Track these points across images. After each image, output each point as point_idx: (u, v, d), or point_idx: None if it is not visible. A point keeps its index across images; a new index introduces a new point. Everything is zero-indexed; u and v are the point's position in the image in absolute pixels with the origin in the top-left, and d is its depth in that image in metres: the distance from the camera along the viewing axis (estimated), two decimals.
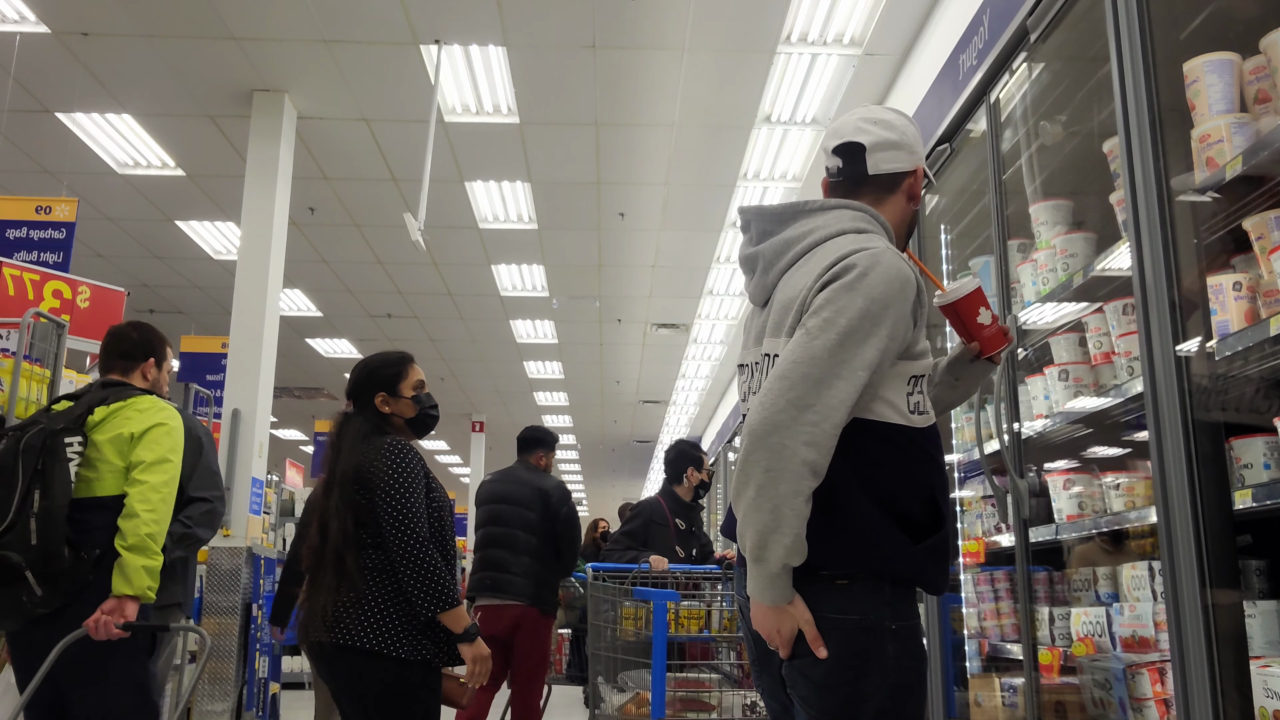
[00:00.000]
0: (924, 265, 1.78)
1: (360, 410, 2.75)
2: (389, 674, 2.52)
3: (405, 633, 2.54)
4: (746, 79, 6.37)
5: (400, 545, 2.54)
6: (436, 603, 2.52)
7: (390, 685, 2.53)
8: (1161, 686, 2.02)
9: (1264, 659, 1.71)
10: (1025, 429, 2.61)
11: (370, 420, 2.72)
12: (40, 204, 5.96)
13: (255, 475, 6.34)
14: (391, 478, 2.57)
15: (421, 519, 2.58)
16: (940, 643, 3.06)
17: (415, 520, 2.56)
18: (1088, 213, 2.59)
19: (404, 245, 8.81)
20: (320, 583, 2.59)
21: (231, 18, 5.77)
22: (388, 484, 2.57)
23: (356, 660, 2.51)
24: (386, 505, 2.56)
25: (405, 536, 2.54)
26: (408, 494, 2.58)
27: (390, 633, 2.52)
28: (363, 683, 2.53)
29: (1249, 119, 1.90)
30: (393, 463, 2.59)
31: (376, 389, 2.75)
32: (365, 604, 2.53)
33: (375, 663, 2.50)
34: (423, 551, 2.54)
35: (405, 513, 2.55)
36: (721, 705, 3.25)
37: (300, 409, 16.38)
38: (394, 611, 2.54)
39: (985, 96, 2.79)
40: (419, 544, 2.55)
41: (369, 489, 2.58)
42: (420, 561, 2.53)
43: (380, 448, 2.62)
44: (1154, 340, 1.88)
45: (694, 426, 17.53)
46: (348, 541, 2.57)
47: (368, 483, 2.58)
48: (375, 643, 2.50)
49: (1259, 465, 1.84)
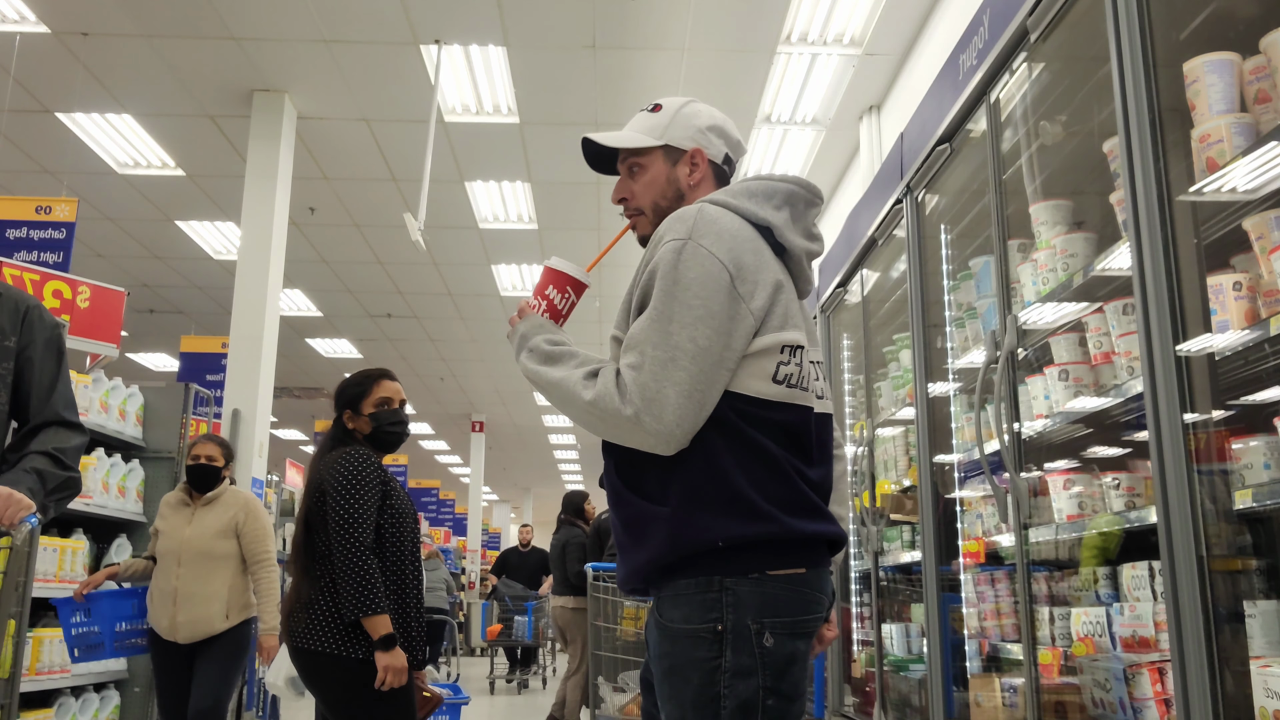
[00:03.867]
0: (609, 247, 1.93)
1: (333, 425, 2.93)
2: (349, 674, 2.66)
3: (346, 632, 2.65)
4: (746, 79, 6.37)
5: (339, 548, 2.66)
6: (360, 606, 2.63)
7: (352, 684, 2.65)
8: (1161, 686, 2.02)
9: (1264, 659, 1.71)
10: (1025, 429, 2.62)
11: (335, 435, 2.90)
12: (40, 204, 5.96)
13: (255, 475, 6.34)
14: (339, 485, 2.72)
15: (365, 526, 2.70)
16: (940, 643, 3.06)
17: (357, 526, 2.68)
18: (1088, 213, 2.59)
19: (404, 245, 8.81)
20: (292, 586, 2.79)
21: (231, 18, 5.77)
22: (335, 490, 2.71)
23: (316, 661, 2.65)
24: (333, 510, 2.70)
25: (344, 540, 2.66)
26: (354, 500, 2.71)
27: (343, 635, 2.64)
28: (327, 683, 2.67)
29: (1249, 119, 1.90)
30: (342, 471, 2.74)
31: (343, 406, 2.92)
32: (315, 608, 2.67)
33: (335, 664, 2.60)
34: (359, 556, 2.66)
35: (349, 518, 2.68)
36: None
37: (300, 409, 16.38)
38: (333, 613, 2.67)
39: (985, 96, 2.79)
40: (357, 549, 2.67)
41: (324, 496, 2.73)
42: (354, 565, 2.65)
43: (335, 458, 2.78)
44: (1154, 340, 1.89)
45: None
46: (297, 549, 2.76)
47: (323, 491, 2.74)
48: (329, 645, 2.63)
49: (1259, 465, 1.84)
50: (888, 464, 3.92)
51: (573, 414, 1.56)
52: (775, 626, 1.49)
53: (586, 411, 1.52)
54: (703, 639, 1.49)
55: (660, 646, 1.53)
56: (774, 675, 1.48)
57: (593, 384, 1.53)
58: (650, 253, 1.62)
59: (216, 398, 6.85)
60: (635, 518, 1.57)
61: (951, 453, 3.16)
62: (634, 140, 1.75)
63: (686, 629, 1.50)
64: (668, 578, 1.53)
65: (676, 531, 1.51)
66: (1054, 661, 2.42)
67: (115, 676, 4.51)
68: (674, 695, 1.50)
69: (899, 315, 3.96)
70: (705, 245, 1.55)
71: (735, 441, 1.54)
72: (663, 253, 1.57)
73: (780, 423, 1.56)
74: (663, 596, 1.54)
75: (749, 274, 1.56)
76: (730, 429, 1.53)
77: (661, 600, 1.54)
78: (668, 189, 1.74)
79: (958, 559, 3.07)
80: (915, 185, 3.35)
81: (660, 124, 1.76)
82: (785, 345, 1.57)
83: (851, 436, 4.37)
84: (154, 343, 12.67)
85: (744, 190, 1.67)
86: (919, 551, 3.24)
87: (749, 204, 1.65)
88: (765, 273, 1.58)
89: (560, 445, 20.59)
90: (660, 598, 1.55)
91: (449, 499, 19.93)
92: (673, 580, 1.52)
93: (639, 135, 1.76)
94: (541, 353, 1.63)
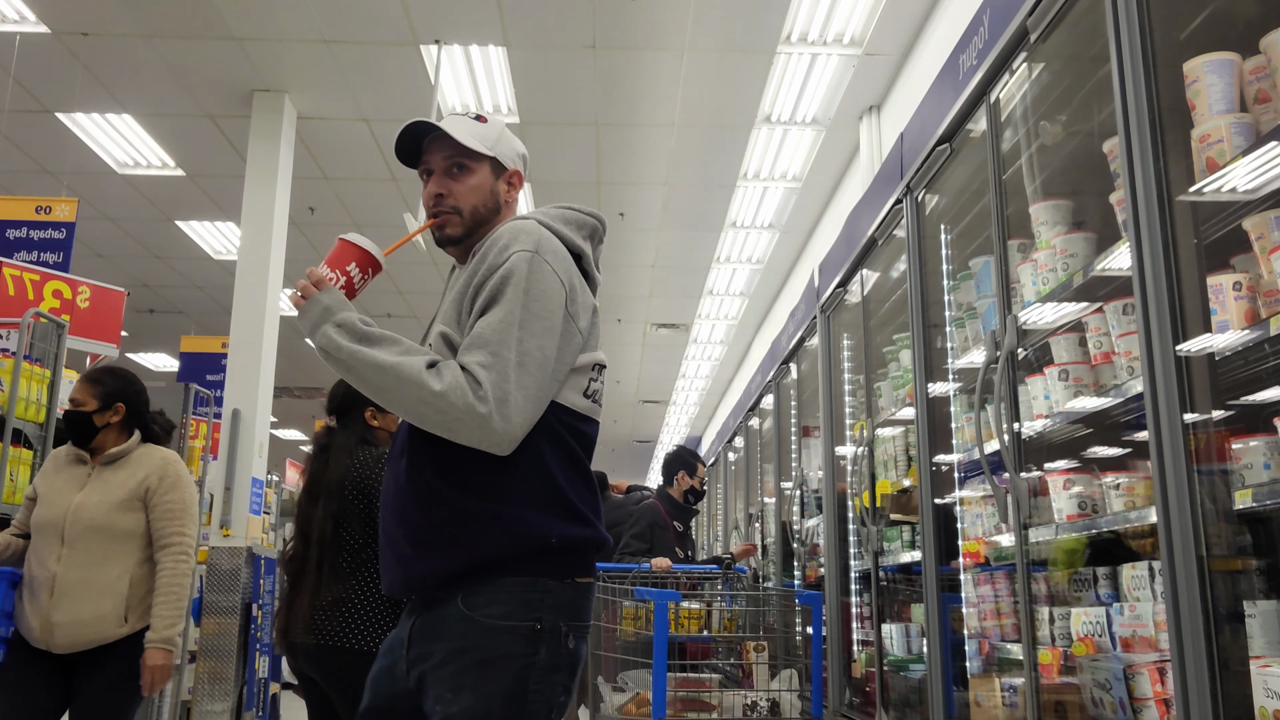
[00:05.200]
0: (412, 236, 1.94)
1: (348, 424, 2.89)
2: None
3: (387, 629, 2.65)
4: (746, 79, 6.37)
5: None
6: None
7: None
8: (1161, 686, 2.02)
9: (1264, 659, 1.70)
10: (1025, 429, 2.62)
11: (358, 433, 2.87)
12: (40, 204, 5.96)
13: (255, 475, 6.34)
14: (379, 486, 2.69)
15: None
16: (940, 643, 3.06)
17: None
18: (1088, 213, 2.59)
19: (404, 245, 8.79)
20: (301, 586, 2.72)
21: (231, 18, 5.77)
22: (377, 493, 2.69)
23: (342, 658, 2.63)
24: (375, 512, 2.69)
25: None
26: None
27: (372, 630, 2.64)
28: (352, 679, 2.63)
29: (1249, 119, 1.90)
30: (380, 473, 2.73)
31: (366, 404, 2.89)
32: (345, 605, 2.66)
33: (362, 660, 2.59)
34: None
35: None
36: (722, 705, 3.26)
37: (300, 409, 16.38)
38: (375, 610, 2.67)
39: (985, 96, 2.79)
40: None
41: (367, 496, 2.72)
42: None
43: (367, 460, 2.78)
44: (1154, 340, 1.88)
45: (694, 426, 17.53)
46: (327, 547, 2.71)
47: (366, 491, 2.73)
48: (358, 641, 2.63)
49: (1259, 465, 1.84)
50: (888, 464, 3.92)
51: (405, 401, 1.55)
52: (577, 630, 1.62)
53: (430, 402, 1.52)
54: (521, 636, 1.56)
55: (467, 639, 1.55)
56: (570, 675, 1.61)
57: (439, 376, 1.53)
58: (494, 258, 1.65)
59: (216, 398, 6.85)
60: (458, 515, 1.59)
61: (951, 453, 3.15)
62: (475, 144, 1.78)
63: (505, 625, 1.56)
64: (489, 575, 1.57)
65: (512, 528, 1.58)
66: (1054, 661, 2.42)
67: None
68: (479, 687, 1.53)
69: (899, 315, 3.96)
70: (549, 262, 1.65)
71: (557, 448, 1.64)
72: (515, 261, 1.64)
73: (586, 434, 1.71)
74: (477, 591, 1.57)
75: (578, 296, 1.68)
76: (553, 436, 1.64)
77: (475, 595, 1.57)
78: (489, 199, 1.80)
79: (958, 559, 3.07)
80: (915, 185, 3.35)
81: (490, 136, 1.81)
82: (597, 364, 1.72)
83: (851, 436, 4.36)
84: (154, 343, 12.68)
85: (561, 217, 1.79)
86: (919, 551, 3.24)
87: (567, 230, 1.77)
88: (587, 296, 1.72)
89: None
90: (473, 592, 1.57)
91: None
92: (495, 578, 1.57)
93: (475, 140, 1.78)
94: (357, 331, 1.59)
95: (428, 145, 1.80)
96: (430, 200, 1.79)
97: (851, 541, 4.31)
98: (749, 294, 10.61)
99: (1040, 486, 2.59)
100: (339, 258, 1.71)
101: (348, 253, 1.71)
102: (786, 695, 3.28)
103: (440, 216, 1.77)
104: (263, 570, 6.19)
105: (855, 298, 4.35)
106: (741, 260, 9.67)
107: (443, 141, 1.77)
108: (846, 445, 4.49)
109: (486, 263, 1.67)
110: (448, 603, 1.58)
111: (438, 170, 1.79)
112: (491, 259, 1.66)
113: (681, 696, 3.27)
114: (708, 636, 3.68)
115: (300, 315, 1.64)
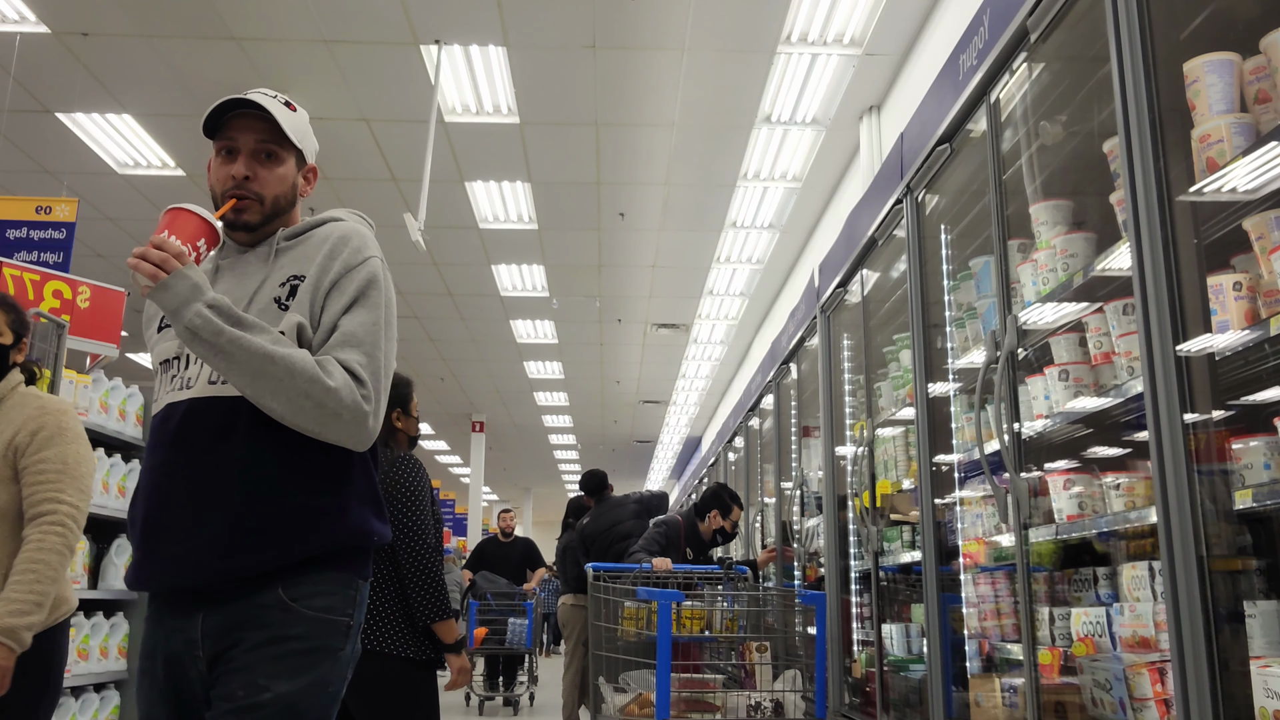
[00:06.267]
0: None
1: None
2: (395, 673, 2.63)
3: (410, 634, 2.67)
4: (746, 79, 6.37)
5: (410, 555, 2.67)
6: (436, 612, 2.66)
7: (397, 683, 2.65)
8: (1161, 686, 2.02)
9: (1264, 659, 1.71)
10: (1025, 429, 2.62)
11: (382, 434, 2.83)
12: (40, 204, 5.95)
13: None
14: (409, 492, 2.73)
15: (429, 531, 2.73)
16: (940, 643, 3.06)
17: (425, 532, 2.71)
18: (1088, 213, 2.59)
19: (404, 245, 8.80)
20: None
21: (231, 18, 5.77)
22: (406, 497, 2.72)
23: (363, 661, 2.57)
24: (402, 517, 2.70)
25: (416, 547, 2.68)
26: (421, 508, 2.74)
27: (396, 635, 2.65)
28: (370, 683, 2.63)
29: (1249, 119, 1.90)
30: (411, 477, 2.76)
31: (392, 405, 2.90)
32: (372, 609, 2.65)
33: (382, 663, 2.58)
34: (431, 562, 2.69)
35: (417, 525, 2.70)
36: (726, 706, 3.26)
37: None
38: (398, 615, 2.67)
39: (985, 96, 2.79)
40: (427, 554, 2.69)
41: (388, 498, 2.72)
42: (427, 571, 2.67)
43: (397, 461, 2.79)
44: (1154, 340, 1.88)
45: (694, 427, 17.53)
46: None
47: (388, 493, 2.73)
48: (380, 644, 2.63)
49: (1259, 465, 1.84)
50: (888, 464, 3.92)
51: (287, 393, 1.52)
52: (359, 627, 1.68)
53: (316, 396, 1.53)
54: (339, 629, 1.61)
55: (288, 628, 1.55)
56: (350, 671, 1.65)
57: (329, 372, 1.56)
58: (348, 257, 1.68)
59: None
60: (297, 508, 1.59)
61: (951, 453, 3.16)
62: (290, 133, 1.72)
63: (328, 617, 1.59)
64: (316, 567, 1.60)
65: (344, 523, 1.63)
66: (1054, 662, 2.42)
67: (115, 677, 4.51)
68: (296, 675, 1.54)
69: (899, 315, 3.96)
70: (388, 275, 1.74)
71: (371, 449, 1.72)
72: (375, 267, 1.69)
73: None
74: (300, 582, 1.58)
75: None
76: None
77: (298, 585, 1.57)
78: (290, 192, 1.77)
79: (958, 559, 3.07)
80: (915, 185, 3.35)
81: (300, 127, 1.77)
82: None
83: (852, 436, 4.36)
84: None
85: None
86: (919, 551, 3.24)
87: None
88: None
89: (560, 445, 20.59)
90: (296, 583, 1.57)
91: (449, 499, 19.95)
92: (321, 570, 1.60)
93: (290, 129, 1.73)
94: (233, 315, 1.54)
95: (237, 121, 1.71)
96: (229, 181, 1.69)
97: (851, 541, 4.31)
98: (749, 294, 10.61)
99: (1040, 487, 2.59)
100: (186, 230, 1.57)
101: (194, 225, 1.58)
102: (790, 696, 3.28)
103: (242, 201, 1.69)
104: None
105: (855, 298, 4.35)
106: (741, 260, 9.67)
107: (258, 123, 1.70)
108: (846, 445, 4.49)
109: (339, 260, 1.67)
110: (263, 592, 1.56)
111: (245, 150, 1.70)
112: (346, 258, 1.68)
113: (685, 697, 3.27)
114: (709, 637, 3.68)
115: (162, 291, 1.50)
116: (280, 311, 1.64)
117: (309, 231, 1.75)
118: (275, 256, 1.71)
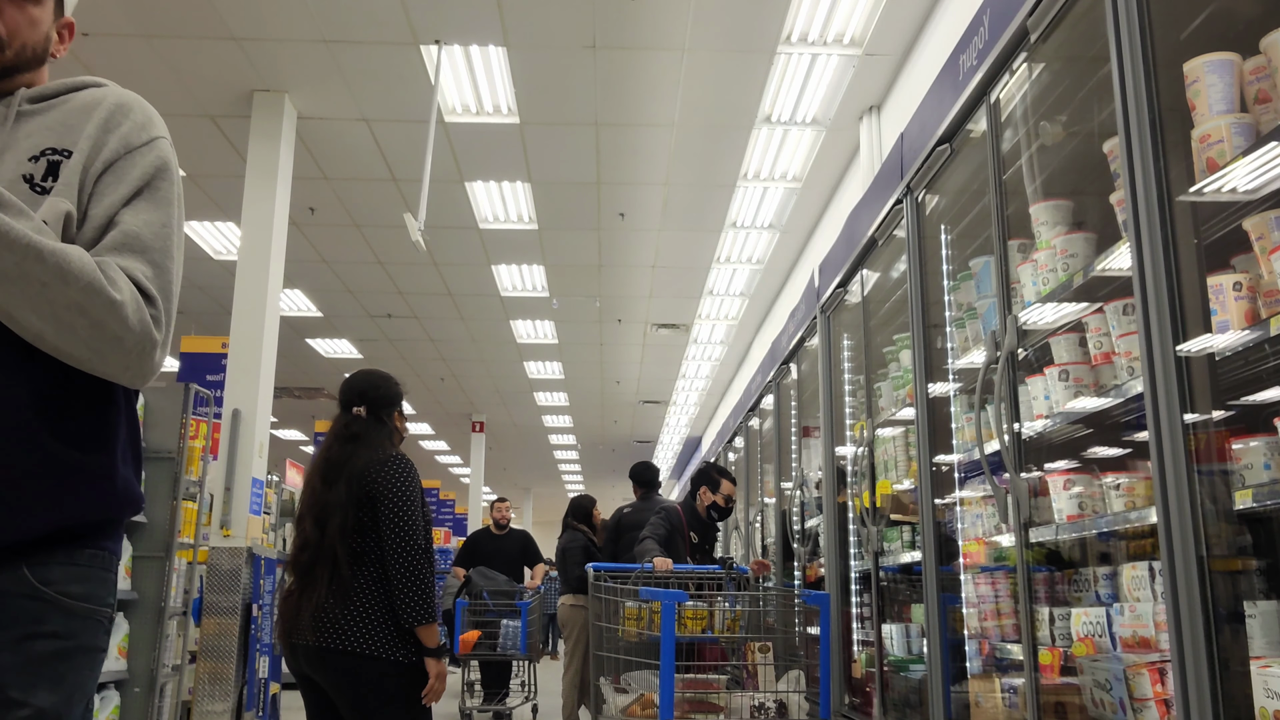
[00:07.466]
0: None
1: (379, 419, 2.88)
2: (381, 674, 2.62)
3: (397, 636, 2.64)
4: (746, 79, 6.37)
5: (399, 557, 2.64)
6: (420, 615, 2.62)
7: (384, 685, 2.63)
8: (1161, 686, 2.02)
9: (1264, 659, 1.71)
10: (1025, 429, 2.62)
11: (386, 431, 2.87)
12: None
13: (255, 475, 6.34)
14: (399, 492, 2.69)
15: (420, 533, 2.69)
16: (940, 643, 3.06)
17: (414, 533, 2.68)
18: (1088, 213, 2.59)
19: (404, 245, 8.81)
20: (311, 581, 2.68)
21: (231, 18, 5.77)
22: (395, 497, 2.68)
23: (348, 662, 2.60)
24: (391, 518, 2.67)
25: (405, 549, 2.64)
26: (412, 509, 2.70)
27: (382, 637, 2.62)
28: (358, 683, 2.63)
29: (1249, 119, 1.90)
30: (402, 478, 2.72)
31: (393, 405, 2.91)
32: (352, 607, 2.63)
33: (370, 664, 2.57)
34: (419, 564, 2.65)
35: (408, 527, 2.66)
36: (729, 706, 3.26)
37: (300, 409, 16.38)
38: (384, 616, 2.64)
39: (985, 97, 2.79)
40: (417, 556, 2.66)
41: (373, 501, 2.69)
42: (416, 574, 2.64)
43: (389, 461, 2.75)
44: (1154, 340, 1.89)
45: (694, 427, 17.54)
46: (346, 536, 2.67)
47: (372, 494, 2.70)
48: (366, 646, 2.61)
49: (1259, 465, 1.84)
50: (888, 464, 3.92)
51: (53, 303, 1.14)
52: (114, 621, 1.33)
53: (93, 312, 1.17)
54: (100, 623, 1.29)
55: (49, 623, 1.22)
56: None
57: (113, 281, 1.20)
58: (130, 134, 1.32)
59: (216, 398, 6.85)
60: (54, 464, 1.21)
61: (951, 453, 3.16)
62: None
63: (89, 608, 1.27)
64: (69, 543, 1.25)
65: (111, 486, 1.28)
66: (1054, 662, 2.42)
67: (115, 677, 4.51)
68: (55, 682, 1.21)
69: (899, 315, 3.96)
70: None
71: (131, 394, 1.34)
72: (164, 150, 1.34)
73: None
74: (48, 563, 1.23)
75: None
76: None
77: (46, 567, 1.23)
78: (44, 44, 1.37)
79: (958, 559, 3.07)
80: (915, 185, 3.36)
81: None
82: None
83: (852, 437, 4.37)
84: None
85: None
86: (919, 551, 3.24)
87: None
88: None
89: (560, 445, 20.58)
90: (43, 563, 1.23)
91: (449, 499, 19.94)
92: (73, 547, 1.26)
93: None
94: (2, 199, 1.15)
95: None
96: None
97: (851, 541, 4.31)
98: (749, 294, 10.61)
99: (1040, 487, 2.59)
100: None
101: None
102: (794, 696, 3.28)
103: None
104: (263, 570, 6.20)
105: (855, 298, 4.35)
106: (741, 260, 9.67)
107: None
108: (846, 445, 4.49)
109: (117, 135, 1.31)
110: (2, 574, 1.20)
111: None
112: (127, 133, 1.32)
113: (688, 698, 3.27)
114: (711, 637, 3.68)
115: None
116: (34, 195, 1.24)
117: (64, 95, 1.35)
118: (16, 120, 1.31)
